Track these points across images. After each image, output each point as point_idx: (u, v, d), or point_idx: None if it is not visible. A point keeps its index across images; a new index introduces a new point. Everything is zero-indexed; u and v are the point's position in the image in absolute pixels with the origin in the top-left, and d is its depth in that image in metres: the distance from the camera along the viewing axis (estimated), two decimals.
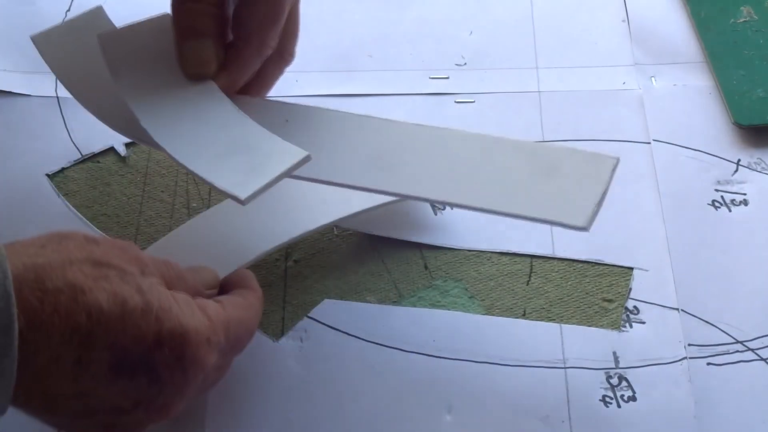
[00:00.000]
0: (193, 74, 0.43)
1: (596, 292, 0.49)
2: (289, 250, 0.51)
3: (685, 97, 0.58)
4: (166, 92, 0.43)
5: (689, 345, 0.47)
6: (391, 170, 0.42)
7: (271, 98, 0.48)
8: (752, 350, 0.47)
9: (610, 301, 0.49)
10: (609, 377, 0.46)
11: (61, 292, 0.31)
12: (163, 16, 0.45)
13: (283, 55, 0.47)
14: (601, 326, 0.48)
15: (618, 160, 0.41)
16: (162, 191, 0.54)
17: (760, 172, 0.54)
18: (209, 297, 0.40)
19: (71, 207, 0.53)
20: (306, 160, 0.39)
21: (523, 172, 0.41)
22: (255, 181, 0.38)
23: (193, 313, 0.36)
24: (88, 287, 0.32)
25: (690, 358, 0.47)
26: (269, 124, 0.42)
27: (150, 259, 0.37)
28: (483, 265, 0.51)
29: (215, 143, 0.40)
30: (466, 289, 0.50)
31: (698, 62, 0.60)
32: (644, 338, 0.48)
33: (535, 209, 0.40)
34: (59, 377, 0.32)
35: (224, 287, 0.43)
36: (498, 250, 0.51)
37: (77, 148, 0.55)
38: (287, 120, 0.45)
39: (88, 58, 0.46)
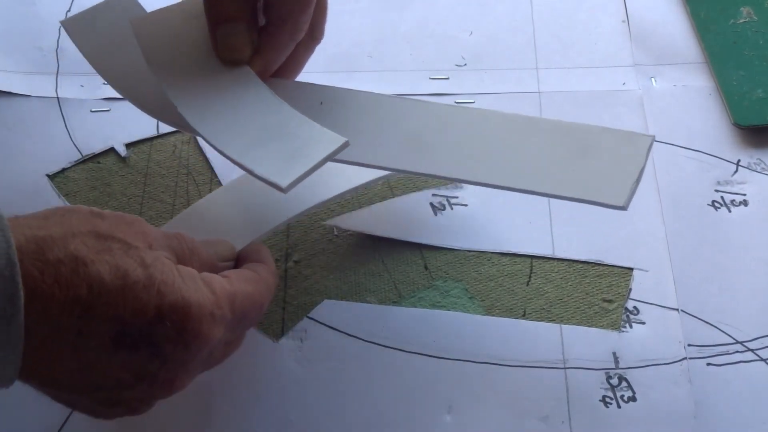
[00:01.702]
0: (228, 60, 0.43)
1: (596, 293, 0.49)
2: (289, 251, 0.51)
3: (685, 97, 0.58)
4: (202, 78, 0.42)
5: (689, 345, 0.47)
6: (427, 152, 0.42)
7: (303, 81, 0.47)
8: (752, 350, 0.47)
9: (609, 301, 0.49)
10: (609, 377, 0.46)
11: (62, 264, 0.32)
12: (194, 1, 0.45)
13: (313, 34, 0.47)
14: (602, 327, 0.48)
15: (653, 137, 0.41)
16: (162, 192, 0.54)
17: (759, 172, 0.54)
18: (224, 269, 0.40)
19: None
20: (344, 146, 0.39)
21: (559, 151, 0.41)
22: (295, 168, 0.37)
23: (197, 288, 0.35)
24: (90, 259, 0.32)
25: (690, 358, 0.47)
26: (304, 106, 0.41)
27: (159, 233, 0.37)
28: (483, 265, 0.51)
29: (253, 129, 0.40)
30: (466, 290, 0.50)
31: (698, 63, 0.60)
32: (644, 338, 0.47)
33: (572, 189, 0.39)
34: (61, 349, 0.32)
35: (239, 260, 0.43)
36: (498, 251, 0.51)
37: (77, 149, 0.55)
38: (321, 102, 0.44)
39: (119, 42, 0.46)
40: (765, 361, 0.47)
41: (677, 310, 0.48)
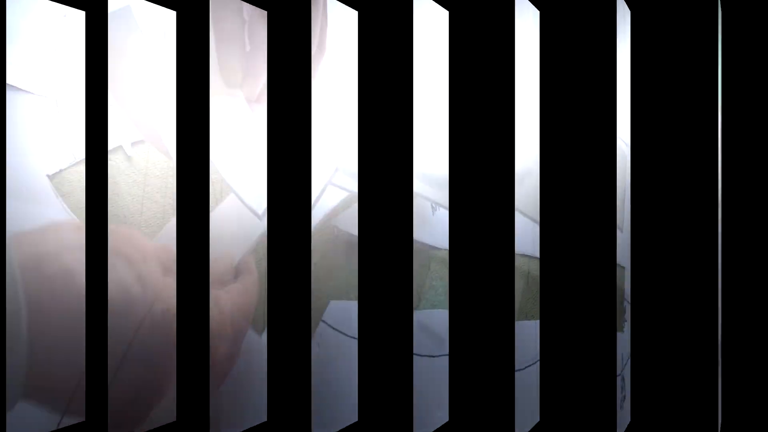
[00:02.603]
0: (226, 79, 0.43)
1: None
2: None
3: None
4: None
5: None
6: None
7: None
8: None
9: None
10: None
11: (57, 277, 0.32)
12: None
13: (321, 48, 0.48)
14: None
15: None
16: (157, 192, 0.54)
17: None
18: (224, 283, 0.41)
19: (69, 209, 0.52)
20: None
21: None
22: None
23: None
24: (77, 272, 0.33)
25: None
26: None
27: (151, 247, 0.37)
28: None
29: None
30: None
31: None
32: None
33: None
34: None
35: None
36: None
37: (77, 150, 0.54)
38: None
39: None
40: None
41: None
